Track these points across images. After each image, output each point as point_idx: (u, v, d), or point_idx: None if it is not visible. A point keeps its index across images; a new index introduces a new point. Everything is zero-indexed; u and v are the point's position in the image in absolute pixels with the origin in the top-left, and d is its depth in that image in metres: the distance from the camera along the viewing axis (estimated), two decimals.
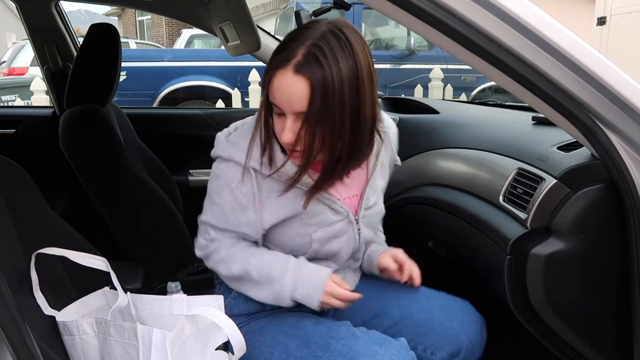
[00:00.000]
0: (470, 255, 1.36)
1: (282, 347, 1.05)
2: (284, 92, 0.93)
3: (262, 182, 1.05)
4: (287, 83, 0.92)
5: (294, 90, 0.92)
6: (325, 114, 0.92)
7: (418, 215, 1.53)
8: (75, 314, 1.04)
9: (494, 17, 0.87)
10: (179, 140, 2.40)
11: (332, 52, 0.91)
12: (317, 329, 1.06)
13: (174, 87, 6.35)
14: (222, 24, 2.10)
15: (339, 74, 0.91)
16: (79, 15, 50.25)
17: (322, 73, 0.90)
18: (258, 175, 1.04)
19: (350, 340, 1.01)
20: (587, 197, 1.06)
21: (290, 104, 0.94)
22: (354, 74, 0.93)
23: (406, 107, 2.02)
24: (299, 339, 1.05)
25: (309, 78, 0.91)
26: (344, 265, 1.18)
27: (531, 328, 1.17)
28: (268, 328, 1.10)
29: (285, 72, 0.92)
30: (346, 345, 1.00)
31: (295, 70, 0.92)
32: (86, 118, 1.67)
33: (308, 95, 0.91)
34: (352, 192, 1.13)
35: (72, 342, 1.00)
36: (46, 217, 1.21)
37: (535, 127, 1.43)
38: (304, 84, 0.91)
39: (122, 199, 1.71)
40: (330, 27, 0.94)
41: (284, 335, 1.07)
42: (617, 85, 0.93)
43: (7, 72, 7.94)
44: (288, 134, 0.95)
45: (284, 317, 1.12)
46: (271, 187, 1.05)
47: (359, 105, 0.95)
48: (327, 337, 1.03)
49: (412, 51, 6.83)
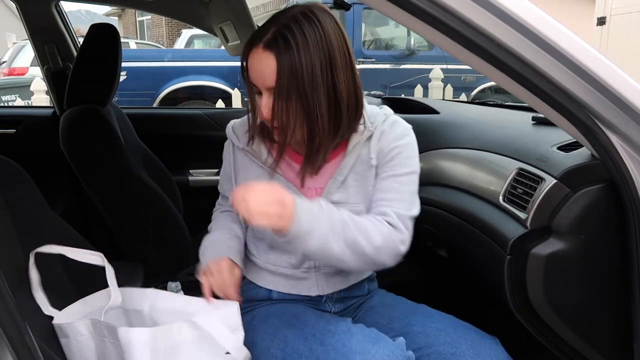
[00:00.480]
0: (470, 256, 1.36)
1: (281, 337, 1.06)
2: (255, 68, 1.01)
3: (237, 153, 1.17)
4: (257, 59, 1.00)
5: (263, 66, 0.99)
6: (296, 91, 0.98)
7: (418, 215, 1.53)
8: (77, 314, 1.03)
9: (494, 17, 0.87)
10: (179, 140, 2.40)
11: (302, 31, 0.97)
12: (317, 322, 1.07)
13: (174, 87, 6.35)
14: (222, 24, 2.11)
15: (308, 53, 0.97)
16: (79, 15, 50.26)
17: (288, 50, 0.97)
18: (235, 148, 1.17)
19: (345, 336, 1.00)
20: (587, 197, 1.06)
21: (263, 80, 1.00)
22: (326, 53, 0.98)
23: (406, 107, 2.02)
24: (298, 331, 1.05)
25: (276, 54, 0.97)
26: (311, 266, 1.16)
27: (531, 328, 1.17)
28: (272, 317, 1.12)
29: (257, 50, 1.00)
30: (340, 341, 0.99)
31: (264, 47, 0.98)
32: (86, 118, 1.67)
33: (275, 71, 0.98)
34: (319, 184, 1.13)
35: (68, 344, 0.99)
36: (46, 217, 1.21)
37: (535, 127, 1.43)
38: (272, 60, 0.98)
39: (122, 199, 1.71)
40: (302, 9, 1.01)
41: (286, 325, 1.08)
42: (617, 85, 0.93)
43: (7, 72, 7.95)
44: (264, 109, 1.02)
45: (289, 308, 1.14)
46: (244, 163, 1.16)
47: (334, 84, 1.00)
48: (324, 331, 1.03)
49: (412, 51, 6.83)
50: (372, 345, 0.98)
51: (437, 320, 1.12)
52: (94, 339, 0.98)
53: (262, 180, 1.11)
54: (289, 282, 1.18)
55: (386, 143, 1.11)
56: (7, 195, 1.08)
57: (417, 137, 1.57)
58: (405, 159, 1.12)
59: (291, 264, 1.16)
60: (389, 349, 0.98)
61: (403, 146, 1.12)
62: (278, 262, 1.16)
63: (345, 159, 1.11)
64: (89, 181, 1.69)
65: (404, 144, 1.12)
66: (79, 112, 1.68)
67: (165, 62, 6.53)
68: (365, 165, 1.12)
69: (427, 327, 1.11)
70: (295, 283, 1.17)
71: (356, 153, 1.11)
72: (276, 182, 1.10)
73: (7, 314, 0.67)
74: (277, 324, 1.09)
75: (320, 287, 1.18)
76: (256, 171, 1.14)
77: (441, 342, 1.08)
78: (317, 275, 1.17)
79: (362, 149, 1.11)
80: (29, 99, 6.40)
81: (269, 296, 1.19)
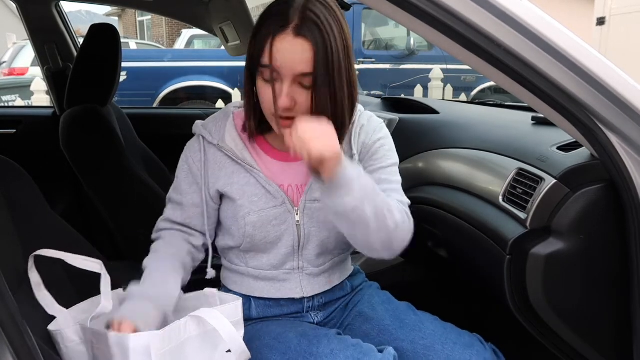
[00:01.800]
0: (470, 256, 1.36)
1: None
2: (286, 54, 0.95)
3: (209, 151, 1.10)
4: (290, 45, 0.94)
5: (296, 52, 0.94)
6: (327, 77, 0.96)
7: (418, 215, 1.52)
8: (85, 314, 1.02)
9: (494, 18, 0.87)
10: (179, 140, 2.39)
11: (326, 17, 0.95)
12: (299, 344, 1.03)
13: (174, 87, 6.35)
14: (222, 24, 2.11)
15: (335, 40, 0.96)
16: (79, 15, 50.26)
17: (321, 35, 0.94)
18: (206, 145, 1.11)
19: (328, 359, 0.98)
20: (587, 197, 1.06)
21: (293, 66, 0.95)
22: (343, 39, 0.98)
23: (406, 107, 2.02)
24: (281, 355, 1.03)
25: (311, 40, 0.94)
26: (294, 267, 1.13)
27: (531, 328, 1.17)
28: (255, 341, 1.07)
29: (286, 36, 0.94)
30: None
31: (296, 34, 0.94)
32: (86, 118, 1.67)
33: (312, 57, 0.94)
34: (302, 180, 1.10)
35: (59, 350, 0.97)
36: (46, 217, 1.21)
37: (535, 127, 1.43)
38: (307, 46, 0.94)
39: (122, 198, 1.71)
40: None
41: (268, 349, 1.05)
42: (616, 86, 0.93)
43: (7, 72, 7.95)
44: (286, 99, 0.96)
45: (270, 327, 1.10)
46: (217, 160, 1.10)
47: (351, 71, 1.00)
48: (307, 354, 1.01)
49: (412, 51, 6.84)
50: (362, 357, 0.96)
51: (426, 335, 1.11)
52: (85, 344, 0.96)
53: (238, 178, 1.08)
54: (272, 285, 1.13)
55: (369, 137, 1.13)
56: (7, 195, 1.08)
57: (417, 137, 1.56)
58: (388, 151, 1.14)
59: (272, 265, 1.12)
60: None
61: (384, 139, 1.14)
62: (259, 265, 1.12)
63: None
64: (89, 181, 1.69)
65: (384, 136, 1.15)
66: (79, 112, 1.68)
67: (166, 62, 6.53)
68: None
69: (416, 345, 1.10)
70: (278, 286, 1.13)
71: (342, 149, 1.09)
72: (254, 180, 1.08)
73: (7, 314, 0.67)
74: (260, 348, 1.05)
75: (303, 289, 1.14)
76: (231, 168, 1.09)
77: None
78: (301, 276, 1.13)
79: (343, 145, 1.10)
80: (29, 99, 6.40)
81: (248, 316, 1.13)
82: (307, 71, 0.95)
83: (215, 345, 0.93)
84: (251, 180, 1.08)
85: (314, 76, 0.95)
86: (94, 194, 1.70)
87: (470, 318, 1.22)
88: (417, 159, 1.64)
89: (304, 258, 1.12)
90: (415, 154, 1.65)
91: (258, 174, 1.08)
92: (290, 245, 1.10)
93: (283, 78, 0.96)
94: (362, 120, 1.13)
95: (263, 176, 1.08)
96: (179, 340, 0.90)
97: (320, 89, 0.96)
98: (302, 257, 1.12)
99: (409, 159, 1.66)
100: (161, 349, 0.87)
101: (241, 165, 1.08)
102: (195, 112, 2.63)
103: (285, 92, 0.96)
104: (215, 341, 0.93)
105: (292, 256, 1.12)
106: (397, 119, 1.79)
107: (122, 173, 1.67)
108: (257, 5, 4.03)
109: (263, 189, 1.08)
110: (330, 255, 1.16)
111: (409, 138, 1.72)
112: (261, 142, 1.12)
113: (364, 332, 1.15)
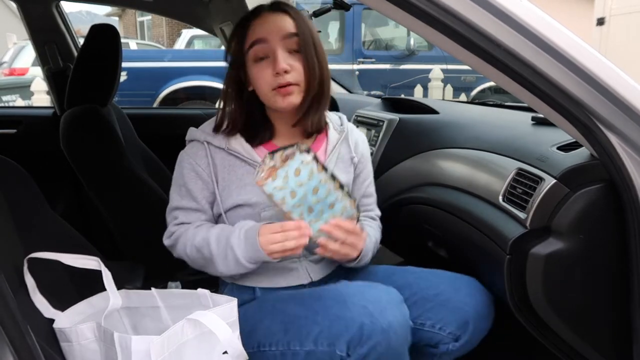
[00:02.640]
0: (470, 255, 1.36)
1: (279, 311, 1.09)
2: (270, 23, 1.09)
3: (216, 155, 1.14)
4: (270, 17, 1.09)
5: (278, 19, 1.09)
6: (311, 40, 1.09)
7: (418, 215, 1.53)
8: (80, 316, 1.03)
9: (494, 18, 0.87)
10: (179, 140, 2.39)
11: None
12: (311, 290, 1.14)
13: (174, 87, 6.34)
14: (222, 25, 2.11)
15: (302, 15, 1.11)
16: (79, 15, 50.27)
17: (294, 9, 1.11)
18: (212, 150, 1.14)
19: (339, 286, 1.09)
20: (587, 197, 1.06)
21: (280, 29, 1.08)
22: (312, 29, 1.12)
23: (406, 107, 2.02)
24: (295, 300, 1.10)
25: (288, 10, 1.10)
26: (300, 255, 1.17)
27: (531, 328, 1.17)
28: (266, 302, 1.13)
29: (265, 14, 1.10)
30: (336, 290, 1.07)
31: (273, 10, 1.10)
32: (87, 118, 1.67)
33: (293, 22, 1.09)
34: None
35: (70, 348, 0.97)
36: (46, 217, 1.21)
37: (534, 127, 1.43)
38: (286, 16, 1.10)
39: (122, 199, 1.71)
40: None
41: (281, 302, 1.11)
42: (616, 86, 0.93)
43: (8, 72, 7.94)
44: (283, 63, 1.06)
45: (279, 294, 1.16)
46: (226, 164, 1.14)
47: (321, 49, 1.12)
48: (319, 290, 1.11)
49: (412, 51, 6.83)
50: (367, 288, 1.05)
51: (415, 271, 1.25)
52: (98, 342, 0.96)
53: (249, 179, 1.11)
54: (280, 275, 1.18)
55: (361, 147, 1.27)
56: (7, 195, 1.08)
57: (417, 137, 1.57)
58: (369, 164, 1.31)
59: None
60: (383, 289, 1.05)
61: (368, 153, 1.30)
62: None
63: (329, 157, 1.18)
64: (89, 181, 1.69)
65: (367, 151, 1.30)
66: (80, 112, 1.69)
67: (166, 63, 6.53)
68: (347, 162, 1.23)
69: (408, 278, 1.21)
70: (286, 275, 1.18)
71: (337, 151, 1.20)
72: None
73: (8, 314, 0.67)
74: (273, 304, 1.11)
75: (310, 275, 1.20)
76: (241, 170, 1.14)
77: (423, 287, 1.18)
78: (306, 263, 1.19)
79: (340, 147, 1.22)
80: (30, 99, 6.40)
81: (253, 296, 1.18)
82: (293, 31, 1.08)
83: (212, 347, 0.94)
84: None
85: (300, 37, 1.08)
86: (94, 194, 1.70)
87: None
88: (417, 159, 1.64)
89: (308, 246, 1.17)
90: (415, 154, 1.65)
91: None
92: None
93: (274, 47, 1.07)
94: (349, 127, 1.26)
95: None
96: (177, 344, 0.90)
97: (307, 50, 1.08)
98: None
99: (409, 159, 1.66)
100: (161, 354, 0.87)
101: (251, 165, 1.13)
102: (195, 112, 2.63)
103: (280, 56, 1.07)
104: (212, 343, 0.93)
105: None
106: (397, 119, 1.80)
107: (122, 173, 1.67)
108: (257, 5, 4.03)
109: None
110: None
111: (409, 138, 1.72)
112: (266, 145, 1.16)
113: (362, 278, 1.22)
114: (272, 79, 1.08)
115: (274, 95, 1.09)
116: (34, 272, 1.03)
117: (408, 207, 1.57)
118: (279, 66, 1.06)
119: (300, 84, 1.09)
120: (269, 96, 1.10)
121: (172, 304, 1.05)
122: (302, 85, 1.09)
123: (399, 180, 1.64)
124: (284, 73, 1.07)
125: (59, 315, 1.01)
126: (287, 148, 0.99)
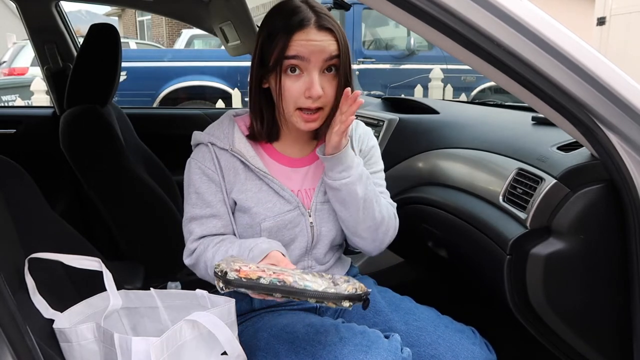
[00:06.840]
0: (470, 256, 1.36)
1: (273, 353, 1.04)
2: (315, 43, 1.02)
3: (221, 157, 1.11)
4: (315, 36, 1.02)
5: (324, 41, 1.03)
6: (347, 62, 1.06)
7: (418, 215, 1.53)
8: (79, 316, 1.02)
9: (494, 17, 0.87)
10: (179, 140, 2.39)
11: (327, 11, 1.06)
12: (306, 333, 1.04)
13: (174, 87, 6.35)
14: (222, 24, 2.11)
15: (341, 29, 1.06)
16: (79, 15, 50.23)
17: (338, 29, 1.05)
18: (218, 152, 1.11)
19: (337, 347, 0.99)
20: (587, 197, 1.06)
21: (323, 52, 1.02)
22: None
23: (406, 107, 2.02)
24: (289, 345, 1.03)
25: (333, 29, 1.03)
26: (304, 267, 1.16)
27: (531, 328, 1.17)
28: (262, 331, 1.08)
29: (310, 30, 1.02)
30: (332, 353, 0.98)
31: (318, 27, 1.02)
32: (86, 118, 1.67)
33: (336, 44, 1.04)
34: (310, 185, 1.15)
35: (70, 349, 0.96)
36: (46, 217, 1.21)
37: (535, 127, 1.43)
38: (330, 35, 1.03)
39: (122, 198, 1.71)
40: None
41: (276, 339, 1.05)
42: (616, 86, 0.93)
43: (7, 72, 7.95)
44: (319, 89, 1.02)
45: (277, 319, 1.11)
46: (229, 166, 1.10)
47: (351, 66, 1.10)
48: (314, 342, 1.01)
49: (412, 51, 6.84)
50: (364, 355, 0.97)
51: (418, 318, 1.16)
52: (98, 343, 0.95)
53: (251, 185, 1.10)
54: None
55: (364, 142, 1.21)
56: (7, 195, 1.08)
57: (417, 137, 1.57)
58: (378, 158, 1.24)
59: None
60: (381, 355, 0.97)
61: (375, 146, 1.24)
62: None
63: None
64: (89, 181, 1.69)
65: (375, 144, 1.24)
66: (79, 112, 1.68)
67: (165, 62, 6.53)
68: None
69: (409, 326, 1.13)
70: None
71: None
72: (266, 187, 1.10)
73: (7, 314, 0.67)
74: (267, 338, 1.06)
75: None
76: (243, 174, 1.11)
77: (422, 344, 1.11)
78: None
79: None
80: (29, 99, 6.40)
81: (251, 307, 1.15)
82: (335, 53, 1.03)
83: (211, 348, 0.93)
84: (263, 187, 1.10)
85: (341, 59, 1.04)
86: (94, 193, 1.70)
87: (470, 318, 1.22)
88: (417, 159, 1.64)
89: (312, 257, 1.17)
90: (415, 154, 1.65)
91: (272, 180, 1.10)
92: (303, 247, 1.14)
93: (312, 68, 1.03)
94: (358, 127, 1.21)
95: (277, 182, 1.10)
96: (175, 345, 0.90)
97: (345, 72, 1.05)
98: (311, 257, 1.17)
99: (409, 159, 1.66)
100: (161, 355, 0.87)
101: (253, 172, 1.10)
102: (195, 112, 2.63)
103: (317, 81, 1.03)
104: (211, 344, 0.93)
105: (304, 256, 1.16)
106: (397, 119, 1.80)
107: (121, 173, 1.67)
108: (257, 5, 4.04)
109: (276, 195, 1.11)
110: (333, 251, 1.21)
111: (409, 138, 1.72)
112: (267, 148, 1.15)
113: (360, 314, 1.17)
114: (301, 97, 1.04)
115: (297, 115, 1.06)
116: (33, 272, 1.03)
117: (408, 207, 1.57)
118: (315, 92, 1.02)
119: (326, 107, 1.06)
120: (290, 113, 1.06)
121: (171, 305, 1.05)
122: (328, 108, 1.06)
123: (399, 180, 1.64)
124: (317, 98, 1.03)
125: (59, 316, 1.01)
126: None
